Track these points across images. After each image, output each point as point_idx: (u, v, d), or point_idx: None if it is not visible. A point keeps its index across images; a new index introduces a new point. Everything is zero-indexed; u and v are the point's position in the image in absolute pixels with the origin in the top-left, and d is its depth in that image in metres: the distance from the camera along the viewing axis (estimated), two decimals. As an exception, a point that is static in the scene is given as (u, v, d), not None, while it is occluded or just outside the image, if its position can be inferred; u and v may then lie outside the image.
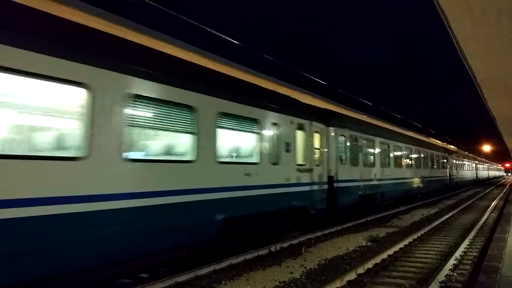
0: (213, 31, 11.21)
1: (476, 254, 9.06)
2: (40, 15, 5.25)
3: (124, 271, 7.01)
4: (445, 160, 31.22)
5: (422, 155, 24.26)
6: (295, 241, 10.23)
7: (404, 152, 20.57)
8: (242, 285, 6.77)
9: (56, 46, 5.08)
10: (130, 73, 6.03)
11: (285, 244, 9.83)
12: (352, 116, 17.13)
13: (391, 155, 18.53)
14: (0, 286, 4.49)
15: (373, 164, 16.21)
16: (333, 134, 12.82)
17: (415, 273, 7.51)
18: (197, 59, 9.33)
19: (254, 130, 8.94)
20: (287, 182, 9.90)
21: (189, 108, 7.11)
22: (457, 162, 37.87)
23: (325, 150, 12.35)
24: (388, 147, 18.20)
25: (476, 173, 55.94)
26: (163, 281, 6.56)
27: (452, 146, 44.96)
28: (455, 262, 8.19)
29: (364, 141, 15.41)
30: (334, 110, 15.78)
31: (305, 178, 10.83)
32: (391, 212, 17.50)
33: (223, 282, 6.83)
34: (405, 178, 20.34)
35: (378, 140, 16.85)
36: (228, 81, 9.01)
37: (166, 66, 7.18)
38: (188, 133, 7.18)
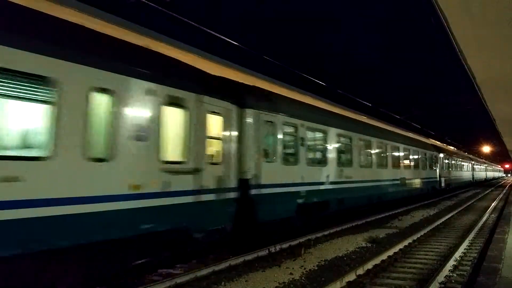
0: (213, 32, 11.23)
1: (475, 255, 9.06)
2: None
3: (123, 273, 7.00)
4: (434, 159, 27.77)
5: (402, 153, 20.49)
6: (294, 242, 10.21)
7: (374, 148, 16.65)
8: (241, 286, 6.76)
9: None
10: None
11: (285, 245, 9.81)
12: (291, 97, 12.65)
13: (355, 151, 14.66)
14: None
15: (324, 163, 12.48)
16: (252, 119, 9.19)
17: (414, 274, 7.51)
18: None
19: (35, 96, 5.22)
20: (134, 192, 6.13)
21: None
22: (450, 161, 34.29)
23: (235, 141, 8.77)
24: (350, 141, 14.38)
25: (473, 174, 51.70)
26: (163, 282, 6.56)
27: (444, 144, 43.07)
28: (454, 263, 8.19)
29: (311, 132, 11.80)
30: (260, 86, 11.25)
31: (183, 183, 7.16)
32: (391, 213, 17.48)
33: (223, 283, 6.82)
34: (375, 181, 16.39)
35: (333, 131, 13.05)
36: None
37: None
38: None
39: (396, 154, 19.67)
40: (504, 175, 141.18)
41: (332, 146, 13.01)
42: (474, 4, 6.33)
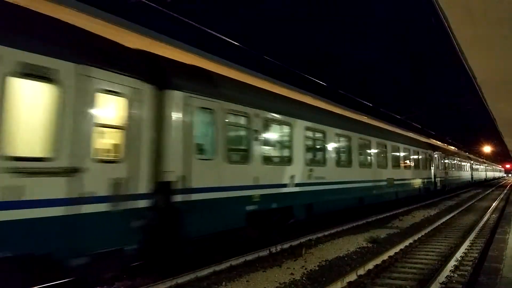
0: (213, 32, 11.24)
1: (476, 255, 9.05)
2: None
3: (124, 272, 7.01)
4: (429, 158, 25.73)
5: (390, 151, 18.39)
6: (295, 242, 10.22)
7: (355, 145, 14.62)
8: (242, 286, 6.76)
9: None
10: None
11: (286, 245, 9.82)
12: (242, 81, 10.55)
13: (329, 148, 12.67)
14: None
15: (287, 161, 10.51)
16: (179, 104, 7.22)
17: (415, 274, 7.51)
18: None
19: None
20: None
21: None
22: (446, 161, 31.92)
23: (149, 132, 6.67)
24: (324, 137, 12.39)
25: (472, 174, 49.32)
26: (164, 282, 6.57)
27: (444, 144, 41.26)
28: (455, 263, 8.19)
29: (269, 124, 9.91)
30: (195, 63, 9.05)
31: (47, 188, 5.04)
32: (392, 213, 17.48)
33: (223, 283, 6.82)
34: (355, 182, 14.40)
35: (300, 124, 11.05)
36: None
37: None
38: None
39: (382, 152, 17.65)
40: (505, 175, 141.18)
41: (298, 142, 10.96)
42: (475, 4, 6.34)
